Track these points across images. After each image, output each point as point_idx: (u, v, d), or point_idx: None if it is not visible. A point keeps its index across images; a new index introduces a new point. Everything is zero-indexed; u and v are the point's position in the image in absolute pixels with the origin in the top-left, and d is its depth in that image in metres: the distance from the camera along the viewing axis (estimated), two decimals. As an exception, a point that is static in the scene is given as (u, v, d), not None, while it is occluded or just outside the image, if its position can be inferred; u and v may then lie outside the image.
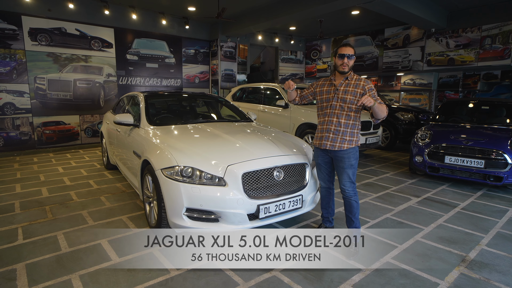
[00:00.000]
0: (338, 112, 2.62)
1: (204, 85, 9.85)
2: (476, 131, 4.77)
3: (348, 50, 2.54)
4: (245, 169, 2.55)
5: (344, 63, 2.55)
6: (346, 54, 2.53)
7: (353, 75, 2.65)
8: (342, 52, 2.55)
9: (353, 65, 2.60)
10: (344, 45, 2.58)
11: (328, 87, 2.72)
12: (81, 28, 7.33)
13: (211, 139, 3.10)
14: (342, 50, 2.55)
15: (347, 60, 2.54)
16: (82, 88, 7.52)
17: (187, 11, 8.20)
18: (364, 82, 2.57)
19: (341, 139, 2.60)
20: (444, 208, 3.73)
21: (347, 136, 2.60)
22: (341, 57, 2.56)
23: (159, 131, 3.31)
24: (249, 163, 2.61)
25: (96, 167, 5.62)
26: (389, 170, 5.59)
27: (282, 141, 3.19)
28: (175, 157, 2.62)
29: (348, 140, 2.60)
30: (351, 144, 2.60)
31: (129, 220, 3.25)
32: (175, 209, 2.52)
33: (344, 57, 2.54)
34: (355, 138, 2.62)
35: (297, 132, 6.40)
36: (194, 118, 4.13)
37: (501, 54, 7.35)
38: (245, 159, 2.64)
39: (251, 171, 2.57)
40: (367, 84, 2.56)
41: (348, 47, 2.57)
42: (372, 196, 4.13)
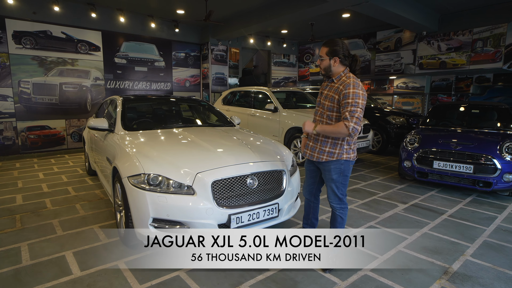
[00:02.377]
0: (318, 119, 2.44)
1: (195, 89, 9.73)
2: (465, 136, 4.67)
3: (320, 50, 2.36)
4: (215, 176, 2.42)
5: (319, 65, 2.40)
6: (319, 56, 2.39)
7: (342, 76, 2.29)
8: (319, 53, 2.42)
9: (328, 66, 2.31)
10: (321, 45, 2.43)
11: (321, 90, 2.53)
12: (67, 31, 7.21)
13: (185, 145, 2.97)
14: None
15: (319, 62, 2.36)
16: (68, 92, 7.39)
17: (176, 14, 8.11)
18: (342, 87, 2.19)
19: (319, 149, 2.38)
20: (430, 215, 3.60)
21: (326, 147, 2.34)
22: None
23: (133, 137, 3.17)
24: (220, 170, 2.48)
25: (78, 173, 5.47)
26: (379, 175, 5.47)
27: (260, 147, 3.07)
28: (143, 164, 2.49)
29: (327, 152, 2.33)
30: (332, 156, 2.30)
31: (100, 230, 3.10)
32: (141, 219, 2.38)
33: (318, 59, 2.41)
34: (338, 150, 2.29)
35: (286, 136, 6.29)
36: (173, 122, 4.00)
37: (492, 57, 7.28)
38: (216, 166, 2.51)
39: (222, 178, 2.44)
40: (344, 89, 2.17)
41: (322, 46, 2.35)
42: (358, 203, 4.00)
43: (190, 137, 3.18)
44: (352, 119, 2.11)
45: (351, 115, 2.12)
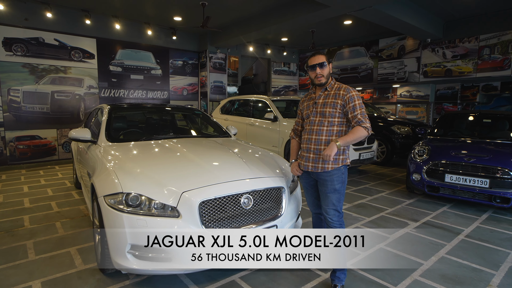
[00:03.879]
0: (317, 128, 2.22)
1: (192, 98, 9.48)
2: (478, 147, 4.35)
3: (318, 59, 2.18)
4: (203, 196, 2.10)
5: (318, 74, 2.19)
6: (317, 64, 2.17)
7: (334, 83, 2.26)
8: (313, 63, 2.18)
9: (329, 73, 2.23)
10: (313, 54, 2.23)
11: (308, 101, 2.37)
12: (60, 38, 6.99)
13: (173, 158, 2.66)
14: (312, 61, 2.19)
15: (320, 70, 2.18)
16: (60, 101, 7.13)
17: (173, 21, 7.90)
18: (343, 91, 2.17)
19: (323, 159, 2.19)
20: (446, 236, 3.26)
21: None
22: (312, 69, 2.20)
23: (116, 149, 2.87)
24: (210, 188, 2.17)
25: (65, 186, 5.15)
26: (385, 189, 5.13)
27: (257, 160, 2.76)
28: (122, 181, 2.17)
29: (332, 160, 2.17)
30: (336, 163, 2.17)
31: (77, 254, 2.77)
32: (118, 246, 2.05)
33: (316, 67, 2.18)
34: (342, 156, 2.19)
35: (286, 146, 5.99)
36: (164, 133, 3.69)
37: (500, 64, 7.01)
38: (205, 184, 2.19)
39: (212, 198, 2.12)
40: (347, 93, 2.15)
41: (318, 55, 2.20)
42: (365, 221, 3.67)
43: (180, 149, 2.87)
44: (366, 120, 2.14)
45: (363, 116, 2.14)
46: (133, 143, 3.08)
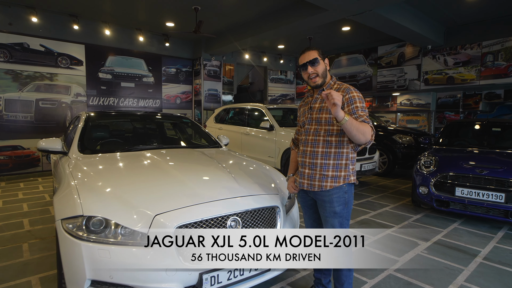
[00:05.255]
0: (313, 139, 1.87)
1: (186, 106, 9.15)
2: (489, 157, 4.02)
3: (309, 55, 1.80)
4: (181, 219, 1.75)
5: (311, 73, 1.81)
6: (307, 62, 1.80)
7: (333, 83, 1.90)
8: (303, 61, 1.81)
9: (326, 70, 1.85)
10: (303, 51, 1.85)
11: (304, 106, 2.01)
12: (46, 43, 6.68)
13: (152, 173, 2.31)
14: (302, 59, 1.82)
15: (312, 69, 1.80)
16: (45, 109, 6.77)
17: (165, 27, 7.63)
18: (342, 92, 1.80)
19: (320, 175, 1.84)
20: (461, 258, 2.90)
21: (329, 170, 1.82)
22: (303, 68, 1.83)
23: (87, 162, 2.51)
24: (190, 210, 1.81)
25: (43, 201, 4.76)
26: (389, 202, 4.78)
27: (248, 175, 2.41)
28: (84, 202, 1.81)
29: (331, 177, 1.82)
30: (337, 181, 1.81)
31: (39, 284, 2.38)
32: (75, 282, 1.68)
33: (307, 66, 1.81)
34: (343, 172, 1.83)
35: (283, 157, 5.65)
36: (146, 143, 3.33)
37: (505, 71, 6.76)
38: (184, 205, 1.84)
39: (191, 222, 1.76)
40: (347, 93, 1.78)
41: (308, 51, 1.83)
42: (370, 240, 3.30)
43: (160, 163, 2.52)
44: (369, 123, 1.73)
45: (366, 120, 1.73)
46: (108, 155, 2.73)
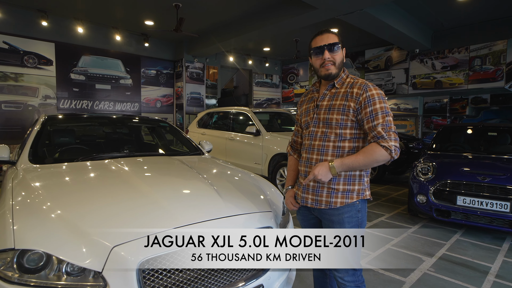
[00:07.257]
0: (320, 144, 1.50)
1: (167, 110, 8.68)
2: (490, 163, 3.80)
3: (328, 38, 1.43)
4: (147, 252, 1.33)
5: (326, 60, 1.44)
6: (325, 46, 1.42)
7: (346, 77, 1.52)
8: (320, 44, 1.43)
9: (343, 62, 1.48)
10: (320, 32, 1.47)
11: (308, 103, 1.61)
12: (10, 40, 6.10)
13: (115, 189, 1.87)
14: (318, 41, 1.44)
15: (329, 55, 1.43)
16: (9, 112, 6.16)
17: (144, 25, 7.18)
18: (358, 89, 1.43)
19: (328, 189, 1.48)
20: (473, 277, 2.60)
21: (339, 183, 1.47)
22: (318, 53, 1.45)
23: (36, 175, 2.05)
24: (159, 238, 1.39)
25: None
26: (383, 211, 4.49)
27: (234, 187, 2.03)
28: (18, 230, 1.37)
29: (342, 191, 1.46)
30: (349, 197, 1.46)
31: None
32: None
33: (324, 50, 1.43)
34: (357, 186, 1.48)
35: (270, 164, 5.29)
36: (114, 151, 2.88)
37: (493, 75, 6.70)
38: (152, 231, 1.42)
39: (161, 254, 1.35)
40: (363, 91, 1.41)
41: (327, 33, 1.45)
42: (370, 257, 2.96)
43: (128, 174, 2.09)
44: (390, 136, 1.38)
45: (387, 130, 1.38)
46: (66, 165, 2.27)
